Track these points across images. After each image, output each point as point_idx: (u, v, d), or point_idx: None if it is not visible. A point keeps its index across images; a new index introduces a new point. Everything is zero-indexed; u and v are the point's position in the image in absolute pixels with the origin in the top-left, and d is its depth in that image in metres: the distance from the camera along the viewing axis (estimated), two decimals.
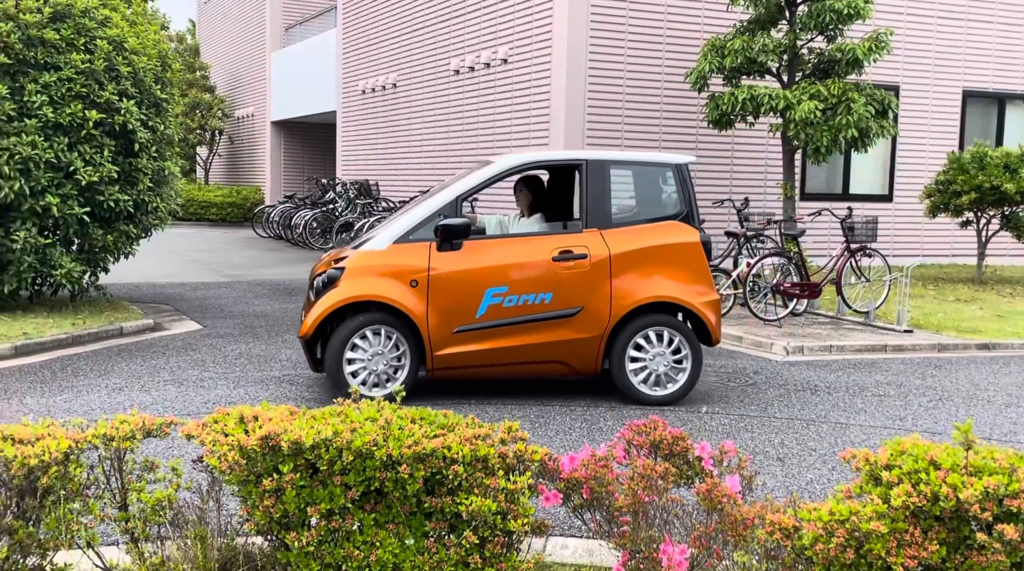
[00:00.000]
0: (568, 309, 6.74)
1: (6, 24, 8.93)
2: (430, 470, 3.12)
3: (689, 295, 6.92)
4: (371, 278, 6.60)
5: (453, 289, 6.62)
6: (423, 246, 6.67)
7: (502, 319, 6.67)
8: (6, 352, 7.96)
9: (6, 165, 8.86)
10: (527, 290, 6.69)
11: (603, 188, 6.97)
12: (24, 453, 2.99)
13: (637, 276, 6.85)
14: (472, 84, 16.86)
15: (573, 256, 6.78)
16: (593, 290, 6.77)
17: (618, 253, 6.83)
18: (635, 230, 6.98)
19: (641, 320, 6.86)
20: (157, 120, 10.28)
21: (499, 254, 6.76)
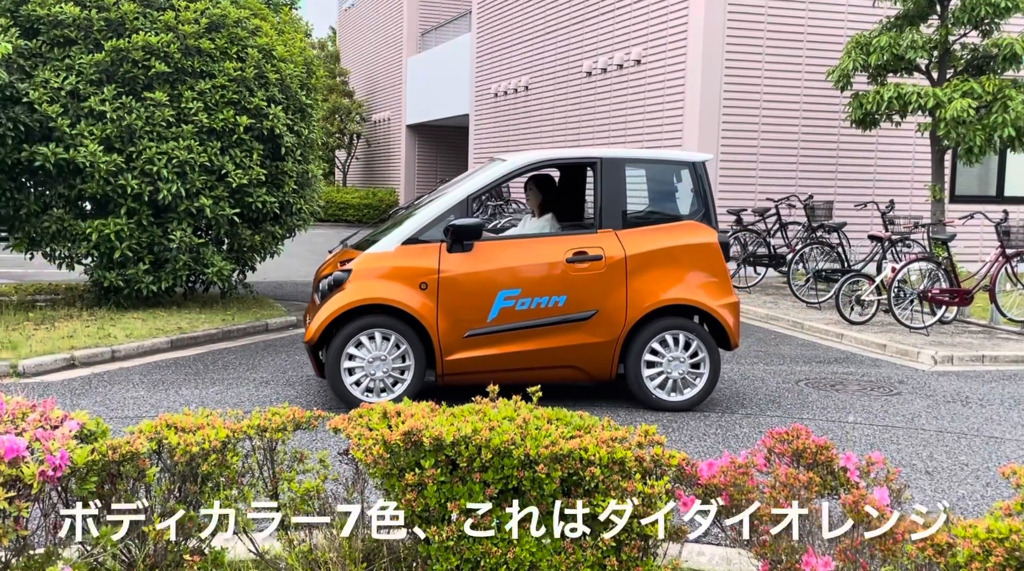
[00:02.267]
0: (582, 312, 6.53)
1: (167, 35, 9.48)
2: (567, 471, 3.14)
3: (707, 297, 6.68)
4: (379, 281, 6.39)
5: (464, 292, 6.40)
6: (433, 247, 6.44)
7: (515, 322, 6.46)
8: (163, 345, 8.45)
9: (164, 168, 9.40)
10: (540, 292, 6.47)
11: (618, 187, 6.73)
12: (186, 441, 3.17)
13: (653, 278, 6.61)
14: (604, 86, 16.81)
15: (588, 257, 6.55)
16: (608, 292, 6.54)
17: (634, 254, 6.59)
18: (651, 230, 6.76)
19: (658, 323, 6.63)
20: (302, 125, 10.70)
21: (511, 255, 6.57)
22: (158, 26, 9.56)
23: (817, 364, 8.53)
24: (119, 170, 9.30)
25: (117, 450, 3.08)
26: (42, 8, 9.29)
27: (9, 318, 9.01)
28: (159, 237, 9.68)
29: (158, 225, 9.73)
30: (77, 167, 9.21)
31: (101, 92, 9.29)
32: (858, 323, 10.11)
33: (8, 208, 9.58)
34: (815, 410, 6.81)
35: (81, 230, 9.40)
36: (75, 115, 9.27)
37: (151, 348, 8.34)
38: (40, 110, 9.07)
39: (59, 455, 2.88)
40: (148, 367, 7.76)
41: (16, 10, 9.40)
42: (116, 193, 9.37)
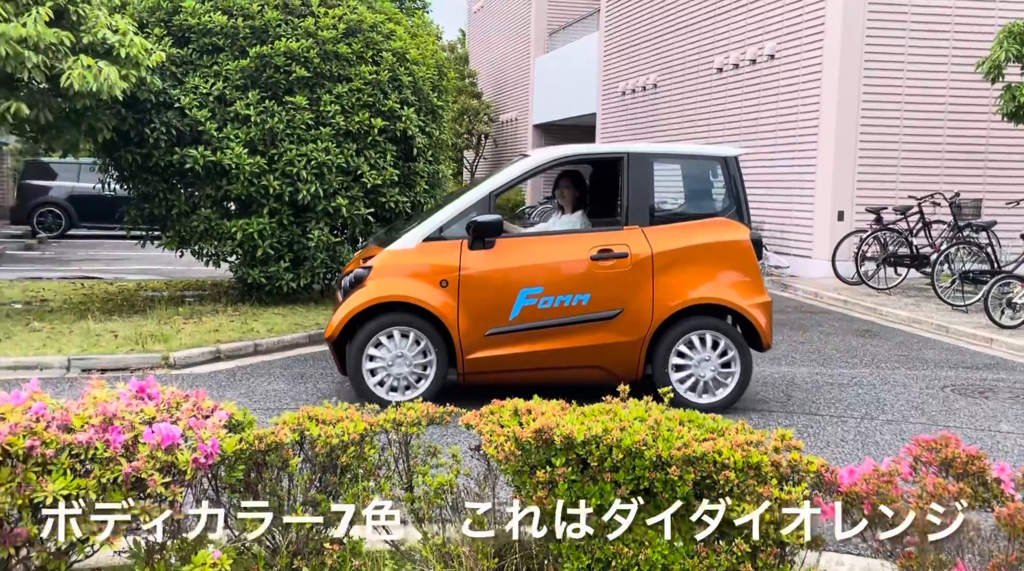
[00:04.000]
0: (607, 311, 6.36)
1: (307, 41, 9.84)
2: (700, 474, 3.09)
3: (738, 297, 6.45)
4: (399, 278, 6.33)
5: (485, 289, 6.29)
6: (454, 244, 6.34)
7: (537, 321, 6.32)
8: (302, 340, 8.77)
9: (304, 169, 9.76)
10: (564, 291, 6.32)
11: (646, 183, 6.54)
12: (327, 433, 3.28)
13: (682, 276, 6.41)
14: (736, 81, 16.45)
15: (613, 255, 6.38)
16: (634, 291, 6.36)
17: (661, 252, 6.40)
18: (680, 227, 6.56)
19: (686, 323, 6.43)
20: (433, 126, 10.91)
21: (534, 253, 6.44)
22: (299, 32, 9.92)
23: (964, 370, 8.11)
24: (262, 171, 9.71)
25: (263, 440, 3.21)
26: (193, 18, 9.79)
27: (161, 312, 9.53)
28: (298, 236, 10.06)
29: (297, 224, 10.11)
30: (223, 169, 9.67)
31: (246, 97, 9.72)
32: (1009, 327, 9.55)
33: (161, 208, 10.14)
34: (962, 418, 6.47)
35: (227, 229, 9.86)
36: (222, 119, 9.73)
37: (290, 342, 8.66)
38: (190, 115, 9.57)
39: (210, 443, 3.03)
40: (288, 361, 8.06)
41: (169, 20, 9.94)
42: (259, 193, 9.79)
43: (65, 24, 8.30)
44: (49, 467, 2.87)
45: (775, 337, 9.44)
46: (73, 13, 8.37)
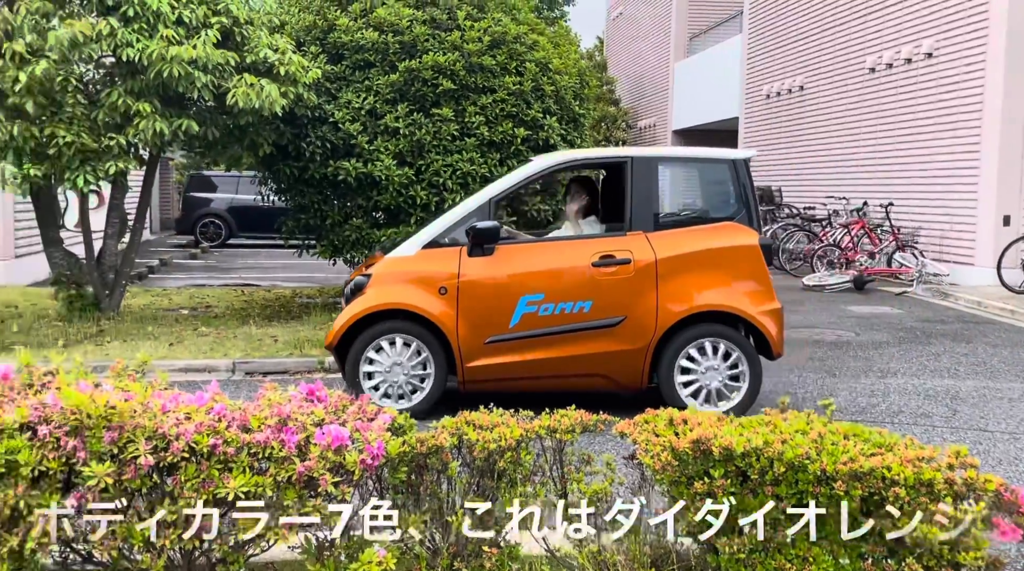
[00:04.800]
0: (610, 318, 6.20)
1: (453, 54, 10.07)
2: (867, 489, 2.99)
3: (745, 304, 6.24)
4: (398, 285, 6.28)
5: (485, 297, 6.20)
6: (453, 251, 6.26)
7: (538, 329, 6.19)
8: None
9: (450, 179, 9.99)
10: (564, 298, 6.18)
11: (650, 188, 6.38)
12: (484, 438, 3.35)
13: (687, 283, 6.22)
14: (889, 82, 15.79)
15: (615, 261, 6.23)
16: (637, 298, 6.20)
17: (665, 257, 6.24)
18: (685, 233, 6.40)
19: (692, 330, 6.22)
20: (575, 134, 10.96)
21: (534, 259, 6.33)
22: (445, 46, 10.17)
23: None
24: (410, 182, 9.99)
25: (424, 443, 3.31)
26: (346, 35, 10.19)
27: (316, 318, 9.94)
28: None
29: None
30: (374, 180, 10.00)
31: (395, 110, 10.03)
32: None
33: (316, 219, 10.58)
34: None
35: (376, 238, 10.19)
36: (372, 132, 10.07)
37: None
38: (343, 128, 9.95)
39: (376, 445, 3.15)
40: None
41: (324, 38, 10.37)
42: (407, 203, 10.08)
43: (230, 45, 8.79)
44: (230, 464, 3.04)
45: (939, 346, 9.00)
46: (238, 35, 8.86)
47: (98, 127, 8.28)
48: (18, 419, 2.90)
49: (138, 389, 3.15)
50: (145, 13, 8.11)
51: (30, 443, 2.87)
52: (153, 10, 8.12)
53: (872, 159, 16.29)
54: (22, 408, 2.94)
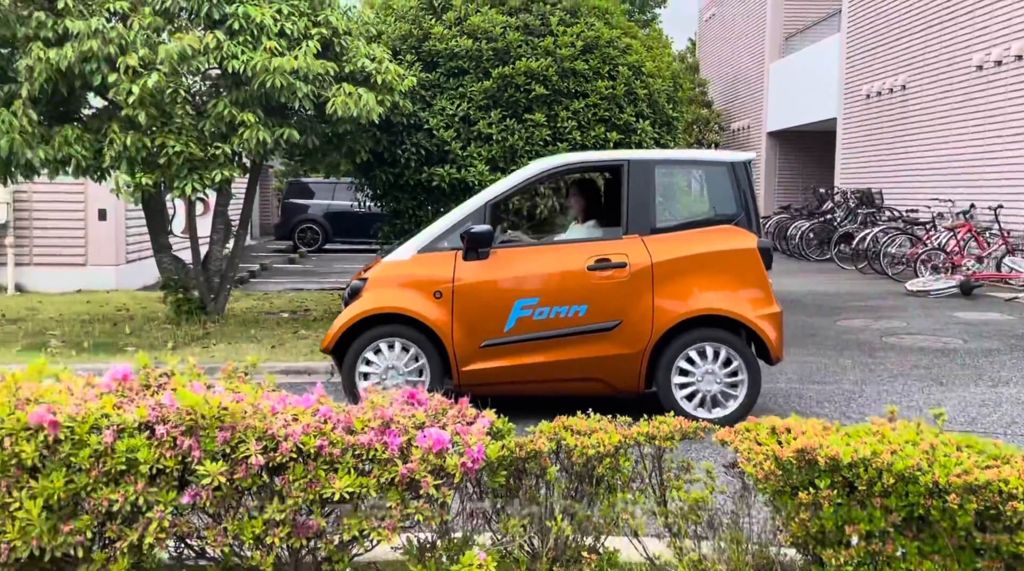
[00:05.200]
0: (605, 322, 6.17)
1: (546, 60, 10.11)
2: (983, 503, 2.88)
3: (743, 307, 6.19)
4: (394, 289, 6.31)
5: (479, 300, 6.20)
6: (448, 255, 6.28)
7: (533, 333, 6.17)
8: None
9: (543, 185, 10.02)
10: (559, 302, 6.16)
11: (646, 191, 6.34)
12: (583, 443, 3.35)
13: (683, 286, 6.20)
14: (997, 80, 15.19)
15: (611, 265, 6.22)
16: (633, 302, 6.18)
17: (661, 261, 6.21)
18: (682, 236, 6.36)
19: (689, 335, 6.19)
20: (668, 138, 10.87)
21: (529, 263, 6.32)
22: (538, 52, 10.22)
23: None
24: None
25: (523, 448, 3.33)
26: (441, 43, 10.33)
27: None
28: None
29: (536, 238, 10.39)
30: (467, 185, 10.10)
31: (488, 116, 10.12)
32: None
33: (410, 224, 10.74)
34: None
35: None
36: (466, 138, 10.18)
37: None
38: (438, 135, 10.09)
39: (476, 449, 3.18)
40: None
41: (419, 47, 10.54)
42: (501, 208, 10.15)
43: (330, 55, 9.01)
44: (335, 465, 3.12)
45: None
46: (336, 45, 9.08)
47: (204, 137, 8.59)
48: (138, 419, 3.03)
49: (248, 391, 3.26)
50: (249, 26, 8.39)
51: (148, 442, 2.99)
52: (257, 23, 8.39)
53: (979, 160, 15.67)
54: (141, 408, 3.07)
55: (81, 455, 2.93)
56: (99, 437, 2.95)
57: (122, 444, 2.96)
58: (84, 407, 3.02)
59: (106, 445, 2.95)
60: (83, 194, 12.67)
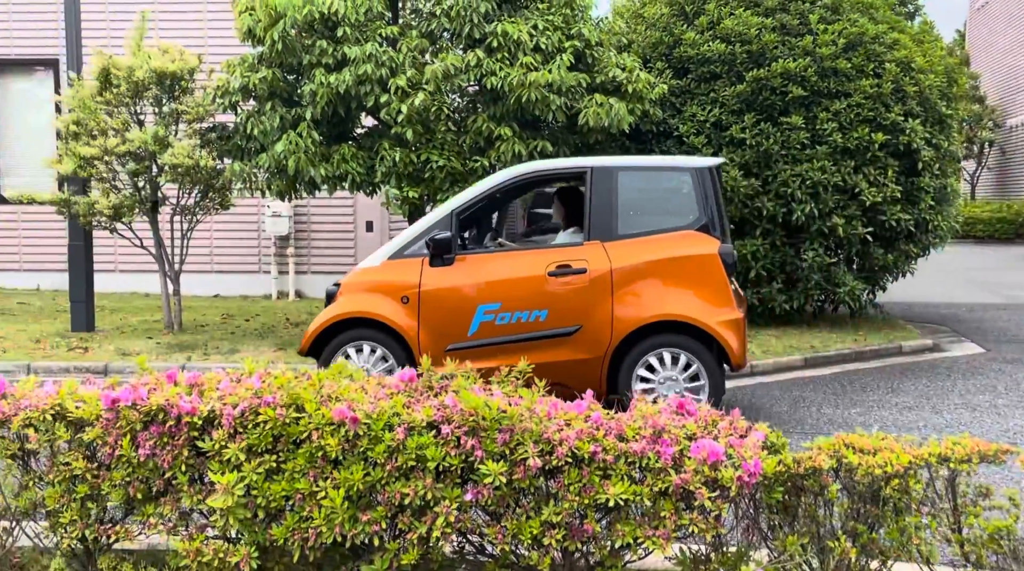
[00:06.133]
0: (565, 328, 6.27)
1: (804, 60, 9.72)
2: None
3: (703, 313, 6.19)
4: (364, 295, 6.53)
5: (444, 306, 6.38)
6: (416, 262, 6.47)
7: (495, 337, 6.30)
8: (797, 363, 8.64)
9: (799, 190, 9.64)
10: (520, 307, 6.29)
11: (608, 197, 6.43)
12: (867, 462, 3.17)
13: (642, 292, 6.26)
14: None
15: (571, 271, 6.32)
16: (592, 307, 6.26)
17: (620, 267, 6.28)
18: (642, 241, 6.38)
19: (650, 340, 6.22)
20: (941, 137, 10.12)
21: (492, 269, 6.45)
22: (796, 52, 9.85)
23: None
24: (755, 193, 9.78)
25: (801, 464, 3.20)
26: (692, 49, 10.21)
27: None
28: (791, 257, 9.95)
29: (790, 245, 10.01)
30: None
31: (741, 121, 9.88)
32: None
33: None
34: None
35: None
36: (717, 144, 9.99)
37: (786, 365, 8.58)
38: (688, 142, 9.97)
39: (753, 463, 3.09)
40: (785, 383, 7.99)
41: (670, 54, 10.48)
42: (752, 215, 9.87)
43: (581, 67, 9.15)
44: (608, 472, 3.14)
45: None
46: (588, 56, 9.21)
47: (464, 151, 8.99)
48: (425, 418, 3.20)
49: (525, 394, 3.35)
50: (507, 43, 8.69)
51: (435, 440, 3.16)
52: (514, 40, 8.68)
53: None
54: (427, 408, 3.24)
55: (377, 450, 3.14)
56: (392, 434, 3.15)
57: (412, 441, 3.14)
58: (378, 405, 3.23)
59: (398, 442, 3.14)
60: (352, 207, 13.66)
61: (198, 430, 3.24)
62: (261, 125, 8.78)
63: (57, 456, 3.32)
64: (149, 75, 9.31)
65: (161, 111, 9.64)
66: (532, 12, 9.08)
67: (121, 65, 9.33)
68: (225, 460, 3.17)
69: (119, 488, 3.26)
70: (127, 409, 3.27)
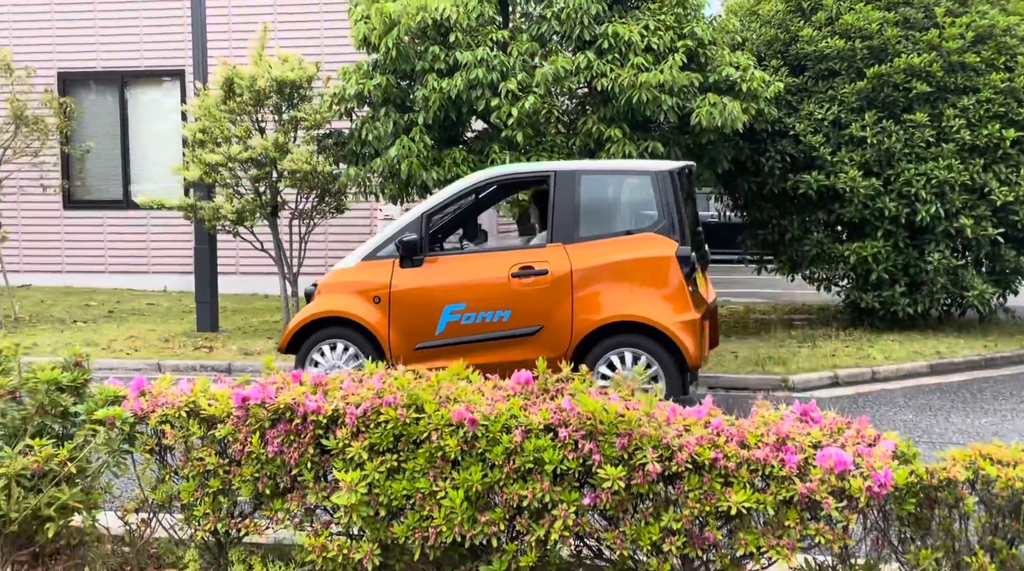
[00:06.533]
0: (527, 328, 6.50)
1: (929, 55, 9.34)
2: None
3: (659, 313, 6.36)
4: (339, 295, 6.83)
5: (413, 306, 6.64)
6: (388, 263, 6.73)
7: (461, 336, 6.56)
8: (922, 369, 8.30)
9: (923, 189, 9.26)
10: (485, 307, 6.52)
11: (571, 200, 6.64)
12: (1007, 475, 3.02)
13: (602, 293, 6.47)
14: None
15: (533, 272, 6.55)
16: (553, 308, 6.49)
17: (580, 268, 6.49)
18: (602, 244, 6.58)
19: (609, 340, 6.43)
20: None
21: (458, 271, 6.72)
22: (920, 47, 9.48)
23: None
24: (876, 193, 9.45)
25: (934, 475, 3.07)
26: (809, 46, 9.94)
27: (773, 335, 9.80)
28: (915, 259, 9.57)
29: (914, 247, 9.63)
30: (836, 193, 9.61)
31: (861, 118, 9.55)
32: None
33: (773, 234, 10.45)
34: None
35: (839, 253, 9.78)
36: (835, 143, 9.69)
37: (910, 371, 8.26)
38: (804, 141, 9.70)
39: (883, 473, 2.98)
40: (909, 390, 7.69)
41: (785, 51, 10.22)
42: (873, 216, 9.54)
43: (694, 66, 9.02)
44: (730, 479, 3.08)
45: None
46: (701, 55, 9.07)
47: (574, 153, 8.98)
48: (542, 421, 3.21)
49: (644, 400, 3.32)
50: (618, 44, 8.64)
51: (552, 443, 3.16)
52: (625, 40, 8.62)
53: None
54: (544, 411, 3.25)
55: (495, 452, 3.16)
56: (509, 436, 3.17)
57: (529, 444, 3.15)
58: (496, 407, 3.26)
59: (516, 444, 3.16)
60: None
61: (323, 428, 3.34)
62: (375, 130, 8.98)
63: (191, 451, 3.47)
64: (270, 84, 9.63)
65: (281, 118, 9.96)
66: (643, 12, 8.99)
67: (244, 75, 9.68)
68: (348, 458, 3.25)
69: (248, 483, 3.38)
70: (256, 407, 3.38)
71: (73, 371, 3.70)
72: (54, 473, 3.38)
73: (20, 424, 3.56)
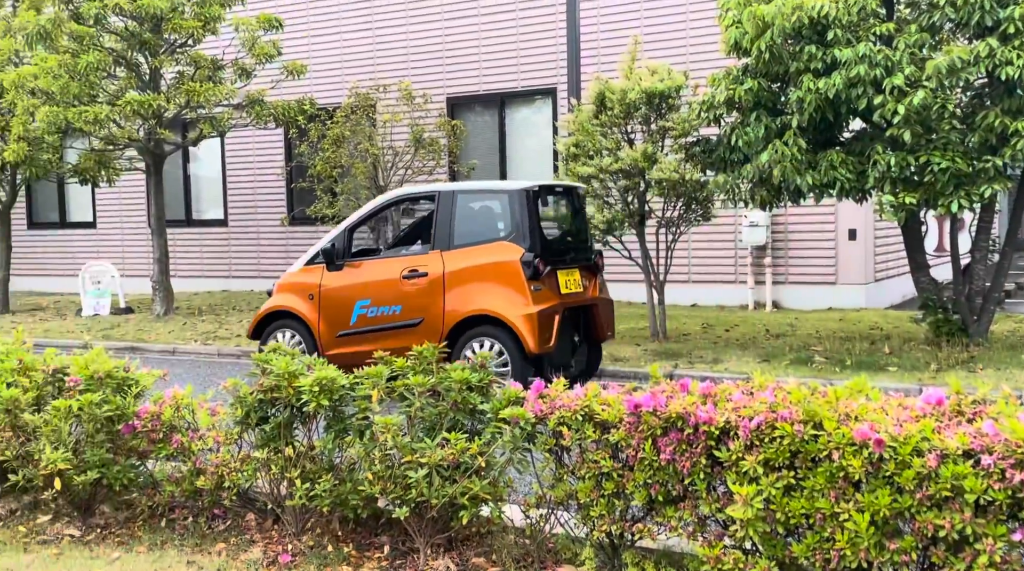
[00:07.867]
0: (412, 319, 8.01)
1: None
2: None
3: (505, 308, 7.66)
4: (287, 293, 8.65)
5: (335, 301, 8.34)
6: (320, 268, 8.49)
7: (368, 326, 8.20)
8: None
9: None
10: (383, 303, 8.11)
11: (448, 214, 8.10)
12: None
13: (465, 291, 7.85)
14: None
15: (417, 274, 8.06)
16: (431, 303, 7.96)
17: (450, 271, 7.93)
18: (468, 250, 7.97)
19: (472, 330, 7.79)
20: None
21: (367, 273, 8.34)
22: None
23: None
24: None
25: None
26: None
27: None
28: None
29: None
30: None
31: None
32: None
33: None
34: None
35: None
36: None
37: None
38: None
39: None
40: None
41: None
42: None
43: None
44: None
45: None
46: None
47: (970, 151, 8.16)
48: (960, 445, 2.93)
49: None
50: None
51: (974, 471, 2.87)
52: None
53: None
54: (962, 435, 2.96)
55: (904, 476, 2.93)
56: (922, 460, 2.92)
57: (946, 470, 2.89)
58: (904, 428, 3.02)
59: (929, 469, 2.91)
60: (834, 215, 13.12)
61: (714, 439, 3.31)
62: (745, 136, 8.80)
63: (586, 453, 3.61)
64: (640, 96, 9.83)
65: (649, 129, 10.13)
66: None
67: (615, 88, 9.98)
68: (742, 472, 3.19)
69: (642, 489, 3.44)
70: (648, 415, 3.44)
71: (480, 372, 4.03)
72: (466, 465, 3.70)
73: (436, 419, 3.95)
